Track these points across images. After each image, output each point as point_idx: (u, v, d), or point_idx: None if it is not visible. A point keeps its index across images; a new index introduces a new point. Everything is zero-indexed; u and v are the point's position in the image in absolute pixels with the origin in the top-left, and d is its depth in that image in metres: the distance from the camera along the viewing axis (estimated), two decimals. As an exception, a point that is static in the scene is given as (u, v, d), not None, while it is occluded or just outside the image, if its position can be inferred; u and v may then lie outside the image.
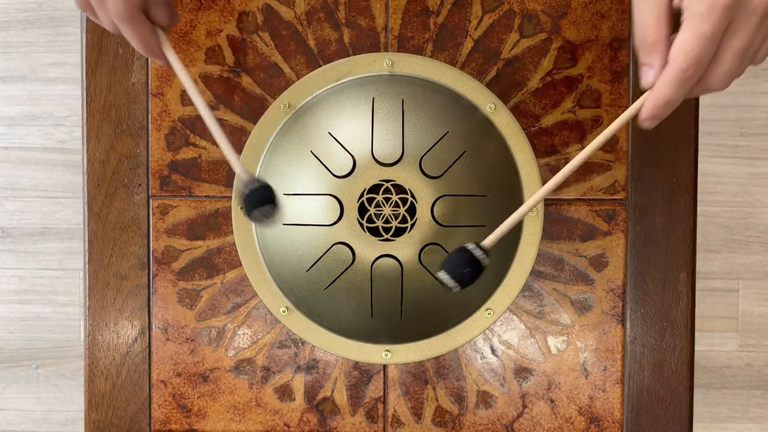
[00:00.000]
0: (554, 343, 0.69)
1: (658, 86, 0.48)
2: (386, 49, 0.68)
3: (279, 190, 0.62)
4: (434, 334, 0.63)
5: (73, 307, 1.52)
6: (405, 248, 0.60)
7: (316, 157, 0.60)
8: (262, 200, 0.52)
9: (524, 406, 0.69)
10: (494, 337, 0.69)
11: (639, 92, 0.68)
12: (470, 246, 0.51)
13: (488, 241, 0.52)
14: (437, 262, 0.59)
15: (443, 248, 0.59)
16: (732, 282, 1.49)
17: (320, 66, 0.66)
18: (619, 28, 0.68)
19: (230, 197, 0.68)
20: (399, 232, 0.60)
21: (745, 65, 0.50)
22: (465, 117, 0.62)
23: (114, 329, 0.70)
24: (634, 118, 0.51)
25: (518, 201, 0.63)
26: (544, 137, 0.68)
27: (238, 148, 0.68)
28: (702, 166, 1.47)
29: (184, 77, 0.55)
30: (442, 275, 0.51)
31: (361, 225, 0.60)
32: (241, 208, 0.53)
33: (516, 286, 0.63)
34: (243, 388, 0.70)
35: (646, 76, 0.50)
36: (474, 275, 0.51)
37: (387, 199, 0.60)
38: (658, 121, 0.50)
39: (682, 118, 0.68)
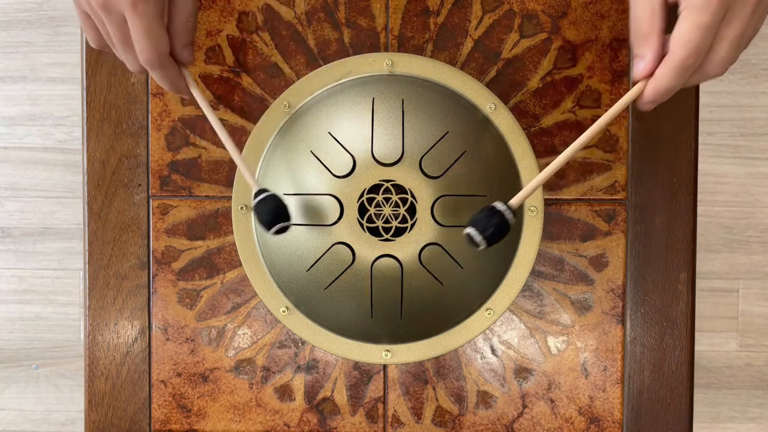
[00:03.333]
0: (554, 343, 0.69)
1: (659, 74, 0.51)
2: (386, 49, 0.68)
3: (279, 190, 0.62)
4: (434, 334, 0.63)
5: (73, 307, 1.52)
6: (405, 248, 0.60)
7: (316, 157, 0.60)
8: (274, 217, 0.56)
9: (524, 406, 0.69)
10: (494, 337, 0.69)
11: (639, 92, 0.68)
12: (499, 205, 0.52)
13: (515, 200, 0.53)
14: (437, 262, 0.60)
15: (443, 248, 0.59)
16: (732, 282, 1.49)
17: (320, 66, 0.66)
18: (619, 28, 0.68)
19: (230, 197, 0.68)
20: (399, 232, 0.60)
21: (740, 51, 0.52)
22: (465, 117, 0.62)
23: (114, 329, 0.70)
24: (635, 101, 0.53)
25: (518, 201, 0.63)
26: (544, 137, 0.68)
27: (239, 148, 0.68)
28: (702, 166, 1.47)
29: (210, 114, 0.58)
30: (471, 231, 0.52)
31: (361, 225, 0.60)
32: (262, 224, 0.56)
33: (516, 286, 0.63)
34: (243, 388, 0.70)
35: (637, 68, 0.52)
36: (501, 234, 0.52)
37: (387, 199, 0.60)
38: (656, 105, 0.52)
39: (682, 118, 0.68)
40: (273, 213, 0.55)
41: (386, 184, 0.60)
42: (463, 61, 0.68)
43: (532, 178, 0.63)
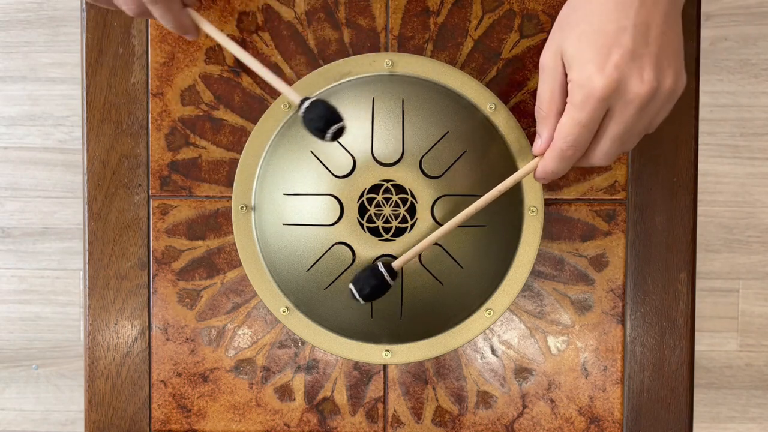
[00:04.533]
0: (554, 343, 0.69)
1: (545, 157, 0.53)
2: (386, 49, 0.68)
3: (279, 190, 0.62)
4: (434, 334, 0.63)
5: (73, 307, 1.52)
6: (405, 248, 0.60)
7: (316, 157, 0.60)
8: (324, 119, 0.53)
9: (524, 406, 0.69)
10: (494, 337, 0.69)
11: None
12: (380, 267, 0.56)
13: (396, 263, 0.57)
14: (437, 262, 0.60)
15: (443, 248, 0.59)
16: (732, 282, 1.49)
17: (320, 66, 0.66)
18: (619, 28, 0.68)
19: (230, 197, 0.68)
20: (399, 232, 0.60)
21: (629, 145, 0.52)
22: (465, 117, 0.62)
23: (114, 329, 0.70)
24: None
25: (517, 201, 0.63)
26: (544, 137, 0.68)
27: (239, 148, 0.69)
28: (702, 166, 1.47)
29: (230, 44, 0.56)
30: (351, 288, 0.56)
31: (361, 225, 0.60)
32: (316, 131, 0.53)
33: (516, 286, 0.63)
34: (243, 388, 0.70)
35: (535, 145, 0.54)
36: (378, 293, 0.56)
37: (387, 199, 0.60)
38: (548, 181, 0.55)
39: (682, 118, 0.68)
40: (323, 118, 0.52)
41: (386, 184, 0.60)
42: (463, 61, 0.68)
43: (531, 177, 0.63)
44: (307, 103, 0.53)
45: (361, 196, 0.60)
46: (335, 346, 0.64)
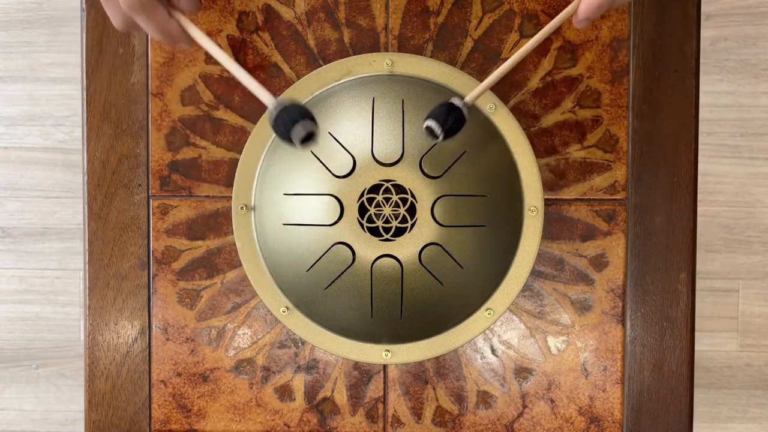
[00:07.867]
0: (554, 343, 0.69)
1: None
2: (386, 49, 0.68)
3: (279, 190, 0.62)
4: (434, 334, 0.63)
5: (73, 307, 1.52)
6: (405, 248, 0.60)
7: (316, 157, 0.60)
8: (296, 117, 0.48)
9: (524, 406, 0.69)
10: (494, 337, 0.69)
11: (639, 91, 0.68)
12: (457, 101, 0.52)
13: (470, 97, 0.54)
14: (437, 262, 0.60)
15: (443, 248, 0.59)
16: (732, 282, 1.49)
17: (320, 66, 0.66)
18: (619, 28, 0.68)
19: (230, 197, 0.68)
20: (399, 232, 0.60)
21: None
22: (465, 117, 0.62)
23: (114, 329, 0.70)
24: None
25: (517, 201, 0.63)
26: (544, 137, 0.68)
27: (239, 148, 0.68)
28: (702, 166, 1.47)
29: (216, 52, 0.53)
30: (432, 123, 0.52)
31: (361, 225, 0.60)
32: (283, 137, 0.49)
33: (516, 286, 0.63)
34: (243, 388, 0.70)
35: None
36: (459, 128, 0.53)
37: (387, 199, 0.60)
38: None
39: (682, 118, 0.68)
40: (290, 124, 0.48)
41: (386, 184, 0.60)
42: (463, 61, 0.68)
43: (532, 178, 0.63)
44: (278, 108, 0.49)
45: (361, 196, 0.60)
46: (335, 346, 0.64)
